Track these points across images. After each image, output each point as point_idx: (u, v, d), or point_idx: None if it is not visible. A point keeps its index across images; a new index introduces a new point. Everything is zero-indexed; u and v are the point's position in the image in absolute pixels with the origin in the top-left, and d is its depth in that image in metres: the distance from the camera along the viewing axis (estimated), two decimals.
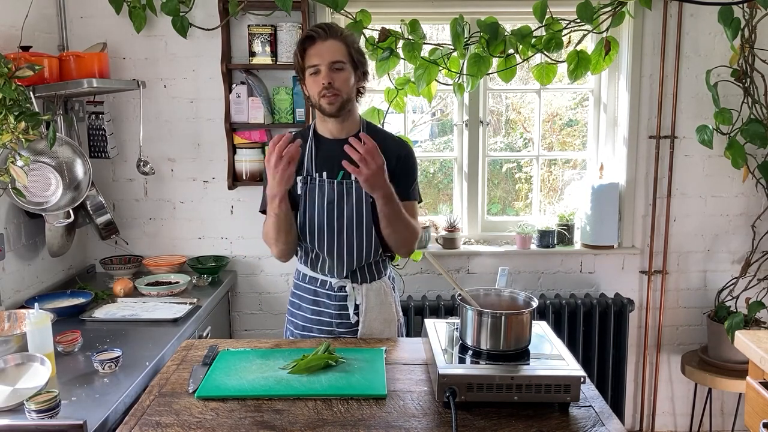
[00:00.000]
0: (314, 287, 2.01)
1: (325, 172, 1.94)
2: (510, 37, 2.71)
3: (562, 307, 2.96)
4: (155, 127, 2.94)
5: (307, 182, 1.94)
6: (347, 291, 1.97)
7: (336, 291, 1.98)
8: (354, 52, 1.90)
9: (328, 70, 1.84)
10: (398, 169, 1.95)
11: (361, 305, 1.98)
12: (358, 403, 1.51)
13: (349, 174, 1.83)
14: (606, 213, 3.02)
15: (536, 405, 1.48)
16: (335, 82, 1.84)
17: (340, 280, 1.97)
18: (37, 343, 1.75)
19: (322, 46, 1.85)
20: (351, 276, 1.98)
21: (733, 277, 3.03)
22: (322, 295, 2.00)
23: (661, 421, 3.25)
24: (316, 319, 2.00)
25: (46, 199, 2.30)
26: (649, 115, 2.99)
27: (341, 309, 1.98)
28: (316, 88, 1.86)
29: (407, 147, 2.03)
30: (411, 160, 2.01)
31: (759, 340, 1.99)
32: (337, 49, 1.86)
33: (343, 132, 1.95)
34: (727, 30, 2.61)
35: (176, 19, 2.76)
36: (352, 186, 1.91)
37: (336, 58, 1.85)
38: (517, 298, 1.71)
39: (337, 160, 1.86)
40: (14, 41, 2.39)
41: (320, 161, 1.95)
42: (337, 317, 1.99)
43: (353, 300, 1.97)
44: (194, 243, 3.04)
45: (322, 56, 1.84)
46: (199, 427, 1.40)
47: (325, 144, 1.97)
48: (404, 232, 1.93)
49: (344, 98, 1.88)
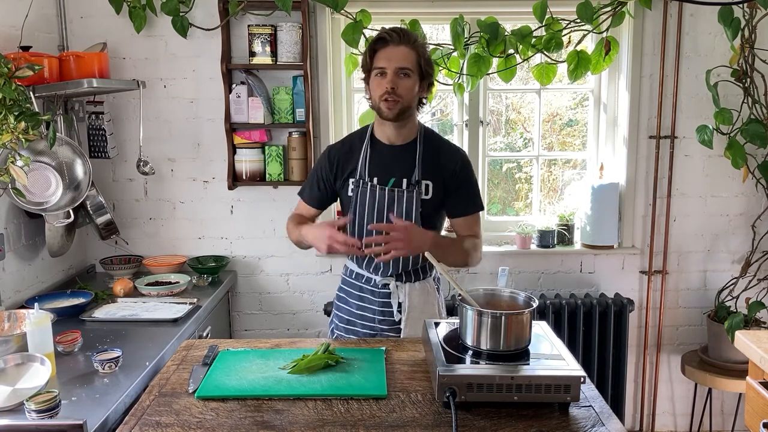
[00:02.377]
0: (360, 283, 2.05)
1: (376, 178, 1.96)
2: (510, 37, 2.71)
3: (562, 307, 2.96)
4: (155, 127, 2.94)
5: (359, 186, 1.96)
6: (390, 289, 1.99)
7: (380, 288, 2.00)
8: (423, 62, 1.89)
9: (394, 75, 1.84)
10: (452, 182, 1.96)
11: (404, 303, 2.00)
12: (358, 403, 1.51)
13: (400, 182, 1.91)
14: (606, 213, 3.02)
15: (536, 405, 1.48)
16: (398, 88, 1.84)
17: (385, 278, 2.00)
18: (37, 343, 1.75)
19: (393, 50, 1.85)
20: (395, 276, 2.00)
21: (733, 277, 3.02)
22: (366, 291, 2.03)
23: (661, 421, 3.25)
24: (359, 314, 2.04)
25: (46, 199, 2.30)
26: (649, 115, 2.99)
27: (384, 306, 2.01)
28: (379, 91, 1.86)
29: (460, 158, 2.00)
30: (465, 171, 1.99)
31: (759, 340, 1.99)
32: (406, 55, 1.85)
33: (400, 138, 1.96)
34: (727, 30, 2.61)
35: (176, 19, 2.76)
36: (403, 194, 1.93)
37: (404, 65, 1.84)
38: (517, 298, 1.71)
39: (390, 167, 1.92)
40: (14, 41, 2.39)
41: (373, 166, 1.97)
42: (380, 314, 2.01)
43: (396, 298, 1.99)
44: (194, 243, 3.04)
45: (391, 60, 1.84)
46: (199, 427, 1.40)
47: (380, 149, 1.98)
48: (457, 259, 1.97)
49: (404, 105, 1.87)
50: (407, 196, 1.92)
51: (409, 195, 1.92)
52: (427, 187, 1.94)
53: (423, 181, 1.93)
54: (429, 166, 1.94)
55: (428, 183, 1.94)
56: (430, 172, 1.94)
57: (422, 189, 1.93)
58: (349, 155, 2.00)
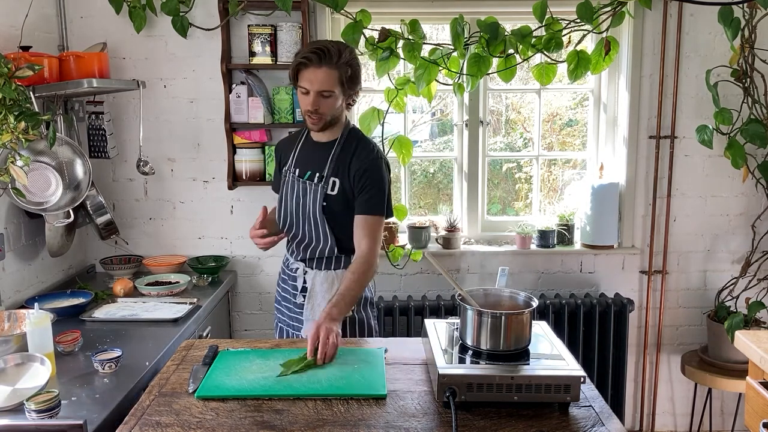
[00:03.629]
0: (283, 264, 2.24)
1: (298, 170, 2.10)
2: (510, 37, 2.71)
3: (562, 307, 2.96)
4: (155, 127, 2.94)
5: (287, 176, 2.13)
6: (297, 273, 2.12)
7: (292, 272, 2.15)
8: (346, 79, 1.94)
9: (316, 97, 1.93)
10: (356, 183, 2.02)
11: (308, 287, 2.10)
12: (358, 403, 1.51)
13: (313, 176, 2.03)
14: (606, 213, 3.02)
15: (536, 405, 1.48)
16: (321, 108, 1.95)
17: (296, 262, 2.14)
18: (37, 343, 1.75)
19: (314, 72, 1.90)
20: (307, 262, 2.11)
21: (733, 277, 3.02)
22: (285, 272, 2.21)
23: (661, 421, 3.25)
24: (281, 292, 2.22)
25: (46, 199, 2.30)
26: (649, 115, 2.99)
27: (293, 288, 2.15)
28: (304, 107, 1.98)
29: (370, 161, 2.03)
30: (370, 174, 2.01)
31: (759, 340, 1.99)
32: (327, 77, 1.91)
33: (325, 137, 2.08)
34: (727, 30, 2.61)
35: (176, 19, 2.76)
36: (310, 186, 2.05)
37: (324, 88, 1.92)
38: (517, 298, 1.71)
39: (309, 161, 2.07)
40: (14, 41, 2.39)
41: (298, 160, 2.12)
42: (291, 290, 2.15)
43: (301, 282, 2.11)
44: (194, 243, 3.04)
45: (312, 83, 1.92)
46: (199, 427, 1.40)
47: (308, 144, 2.13)
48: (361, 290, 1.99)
49: (327, 119, 1.99)
50: (313, 188, 2.03)
51: (315, 188, 2.03)
52: (333, 183, 2.02)
53: (331, 177, 2.02)
54: (340, 165, 2.03)
55: (335, 180, 2.03)
56: (339, 171, 2.03)
57: (329, 185, 2.02)
58: (288, 149, 2.18)
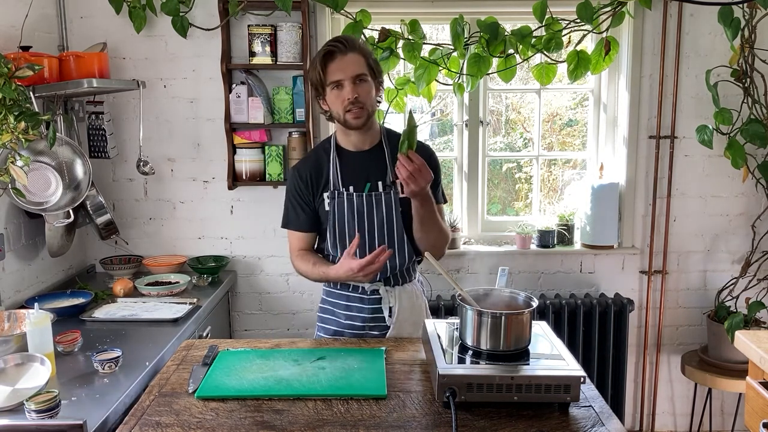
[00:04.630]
0: (346, 293, 2.02)
1: (351, 186, 1.94)
2: (510, 37, 2.71)
3: (562, 307, 2.96)
4: (155, 127, 2.94)
5: (335, 197, 1.94)
6: (381, 294, 1.98)
7: (369, 294, 1.99)
8: (373, 62, 1.90)
9: (353, 84, 1.83)
10: None
11: (394, 307, 1.98)
12: (358, 403, 1.51)
13: (375, 186, 1.90)
14: (606, 213, 3.02)
15: (536, 405, 1.48)
16: (361, 96, 1.84)
17: (374, 284, 1.98)
18: (37, 343, 1.75)
19: (344, 60, 1.83)
20: (384, 280, 1.99)
21: (733, 277, 3.02)
22: (354, 299, 2.00)
23: (661, 421, 3.25)
24: (348, 323, 2.01)
25: (46, 199, 2.30)
26: (649, 115, 2.99)
27: (375, 312, 1.99)
28: (341, 104, 1.85)
29: (429, 151, 2.02)
30: (434, 163, 1.98)
31: (759, 340, 1.99)
32: (357, 61, 1.84)
33: (366, 143, 1.96)
34: (727, 30, 2.61)
35: (176, 19, 2.75)
36: (381, 197, 1.93)
37: (359, 71, 1.84)
38: (517, 298, 1.71)
39: (363, 173, 1.91)
40: (14, 41, 2.39)
41: (345, 175, 1.95)
42: (371, 320, 1.99)
43: (387, 303, 1.98)
44: (194, 243, 3.04)
45: (345, 70, 1.83)
46: (199, 427, 1.40)
47: (348, 157, 1.97)
48: (437, 235, 1.95)
49: (369, 111, 1.88)
50: (385, 198, 1.93)
51: (387, 197, 1.92)
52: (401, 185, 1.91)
53: (397, 180, 1.90)
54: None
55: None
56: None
57: (399, 188, 1.90)
58: (319, 170, 1.97)
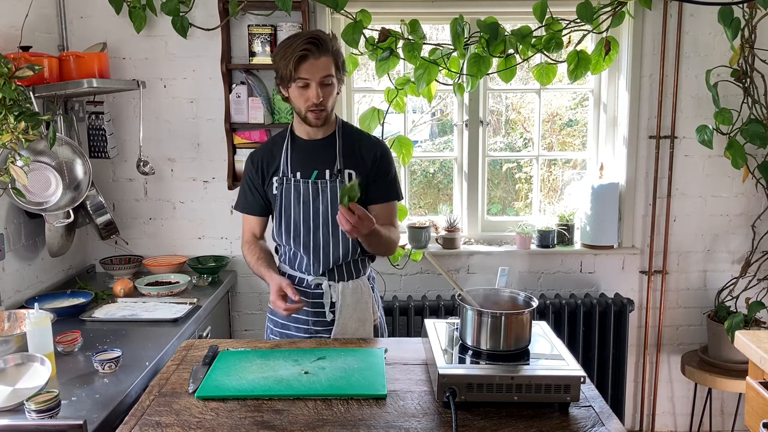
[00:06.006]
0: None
1: (299, 172, 1.98)
2: (510, 37, 2.71)
3: (562, 307, 2.96)
4: (155, 127, 2.94)
5: (283, 183, 1.98)
6: (323, 288, 1.99)
7: (312, 289, 2.00)
8: (341, 63, 1.93)
9: (319, 87, 1.86)
10: (375, 170, 2.00)
11: (337, 303, 2.00)
12: (358, 403, 1.51)
13: (323, 174, 1.94)
14: (606, 213, 3.02)
15: (536, 405, 1.48)
16: (324, 99, 1.88)
17: (317, 278, 1.99)
18: (37, 343, 1.75)
19: (316, 63, 1.85)
20: (328, 274, 2.00)
21: (733, 277, 3.03)
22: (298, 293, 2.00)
23: (661, 421, 3.25)
24: (293, 317, 2.02)
25: (46, 199, 2.30)
26: (649, 115, 2.99)
27: (317, 307, 2.00)
28: (304, 102, 1.89)
29: (382, 146, 2.06)
30: (387, 159, 2.03)
31: (759, 340, 1.99)
32: (327, 64, 1.87)
33: (320, 133, 2.00)
34: (727, 30, 2.61)
35: (176, 19, 2.75)
36: (326, 185, 1.95)
37: (326, 73, 1.87)
38: (517, 298, 1.71)
39: (311, 160, 1.96)
40: (14, 41, 2.39)
41: (294, 162, 1.99)
42: (314, 315, 2.01)
43: (329, 297, 1.99)
44: (194, 243, 3.04)
45: (314, 74, 1.86)
46: (199, 427, 1.40)
47: (300, 145, 2.01)
48: (385, 248, 2.01)
49: (329, 111, 1.93)
50: (331, 185, 1.95)
51: (332, 185, 1.95)
52: (350, 175, 1.96)
53: (345, 170, 1.96)
54: (350, 156, 1.98)
55: (351, 172, 1.97)
56: (352, 162, 1.97)
57: (345, 178, 1.95)
58: (271, 156, 2.03)
